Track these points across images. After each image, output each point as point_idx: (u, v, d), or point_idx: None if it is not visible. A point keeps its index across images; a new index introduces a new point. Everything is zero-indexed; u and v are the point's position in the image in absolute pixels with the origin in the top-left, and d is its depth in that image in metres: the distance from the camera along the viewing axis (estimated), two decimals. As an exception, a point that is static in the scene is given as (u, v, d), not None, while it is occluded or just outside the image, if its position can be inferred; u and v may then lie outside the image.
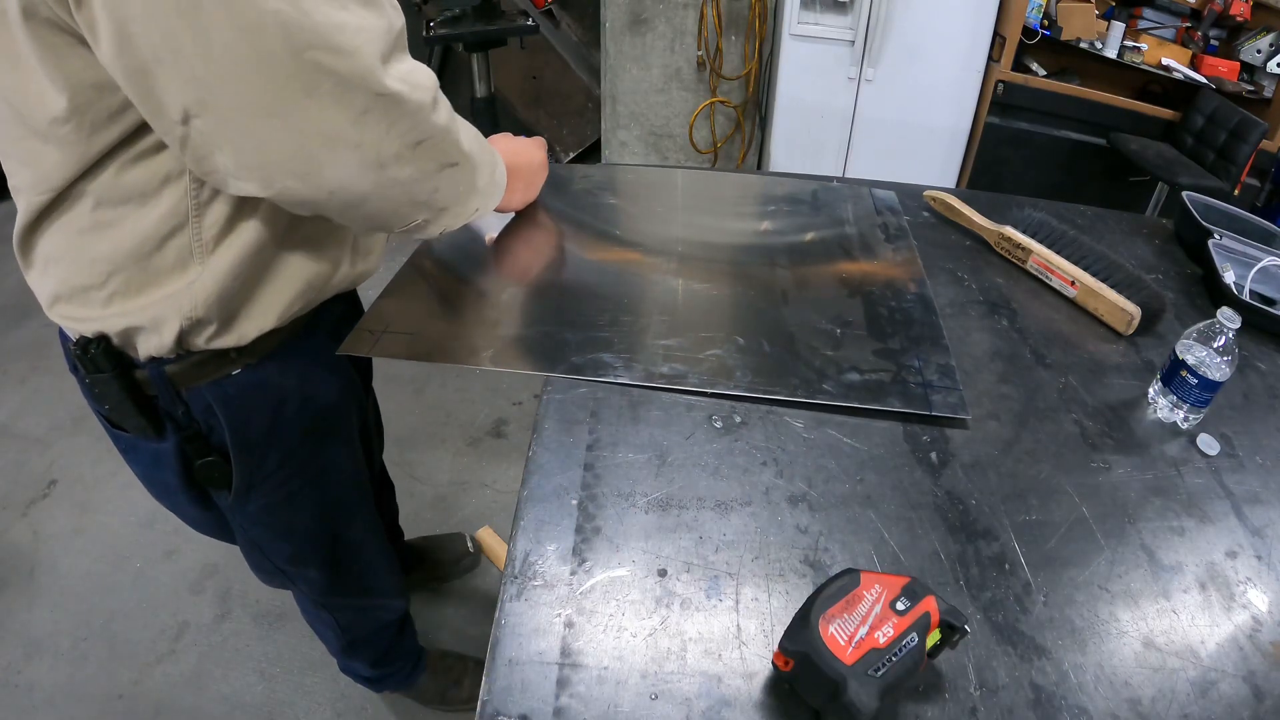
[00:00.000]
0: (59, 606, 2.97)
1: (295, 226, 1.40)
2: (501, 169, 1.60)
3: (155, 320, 1.34)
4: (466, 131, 1.38)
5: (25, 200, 1.27)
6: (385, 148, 1.18)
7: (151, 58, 1.02)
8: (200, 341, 1.39)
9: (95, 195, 1.23)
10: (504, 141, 1.80)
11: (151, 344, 1.37)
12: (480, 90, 4.56)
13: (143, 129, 1.18)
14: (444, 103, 1.29)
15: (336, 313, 1.66)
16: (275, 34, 1.02)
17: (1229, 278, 1.99)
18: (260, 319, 1.44)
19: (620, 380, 1.51)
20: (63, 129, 1.15)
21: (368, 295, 1.73)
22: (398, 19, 1.19)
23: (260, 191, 1.16)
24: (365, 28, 1.10)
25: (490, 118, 4.61)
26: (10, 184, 1.28)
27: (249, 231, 1.33)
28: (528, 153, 1.93)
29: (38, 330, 4.24)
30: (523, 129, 5.89)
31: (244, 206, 1.31)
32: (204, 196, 1.26)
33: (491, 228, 1.97)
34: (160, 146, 1.20)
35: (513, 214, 2.01)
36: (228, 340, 1.42)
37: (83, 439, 3.65)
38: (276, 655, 2.85)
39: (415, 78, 1.20)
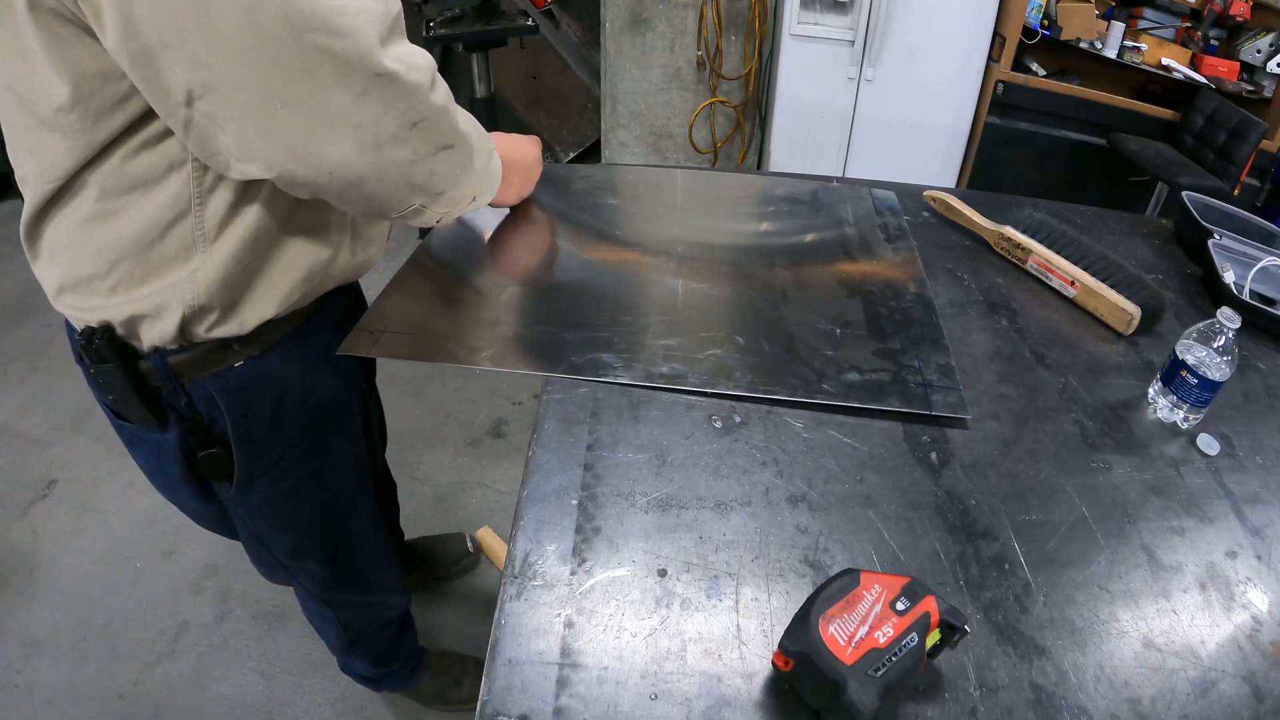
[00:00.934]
0: (59, 606, 2.98)
1: (296, 213, 1.41)
2: (497, 158, 1.60)
3: (158, 308, 1.35)
4: (463, 116, 1.39)
5: (32, 190, 1.28)
6: (384, 128, 1.19)
7: (156, 41, 1.04)
8: (202, 330, 1.40)
9: (99, 185, 1.24)
10: (498, 137, 1.80)
11: (155, 332, 1.38)
12: (480, 90, 4.57)
13: (145, 118, 1.20)
14: (442, 85, 1.30)
15: (340, 307, 1.67)
16: (276, 16, 1.04)
17: (1229, 278, 1.99)
18: (261, 307, 1.45)
19: (620, 380, 1.52)
20: (67, 118, 1.17)
21: (370, 294, 1.73)
22: (395, 4, 1.21)
23: (263, 173, 1.18)
24: (364, 10, 1.11)
25: (490, 117, 4.62)
26: (17, 175, 1.31)
27: (251, 218, 1.35)
28: (521, 148, 1.94)
29: (37, 330, 4.24)
30: (522, 129, 5.86)
31: (246, 193, 1.33)
32: (206, 184, 1.28)
33: (488, 225, 1.97)
34: (162, 135, 1.22)
35: (508, 210, 2.02)
36: (229, 328, 1.43)
37: (82, 439, 3.65)
38: (276, 655, 2.86)
39: (413, 59, 1.21)
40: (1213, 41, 5.26)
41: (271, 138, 1.14)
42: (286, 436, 1.64)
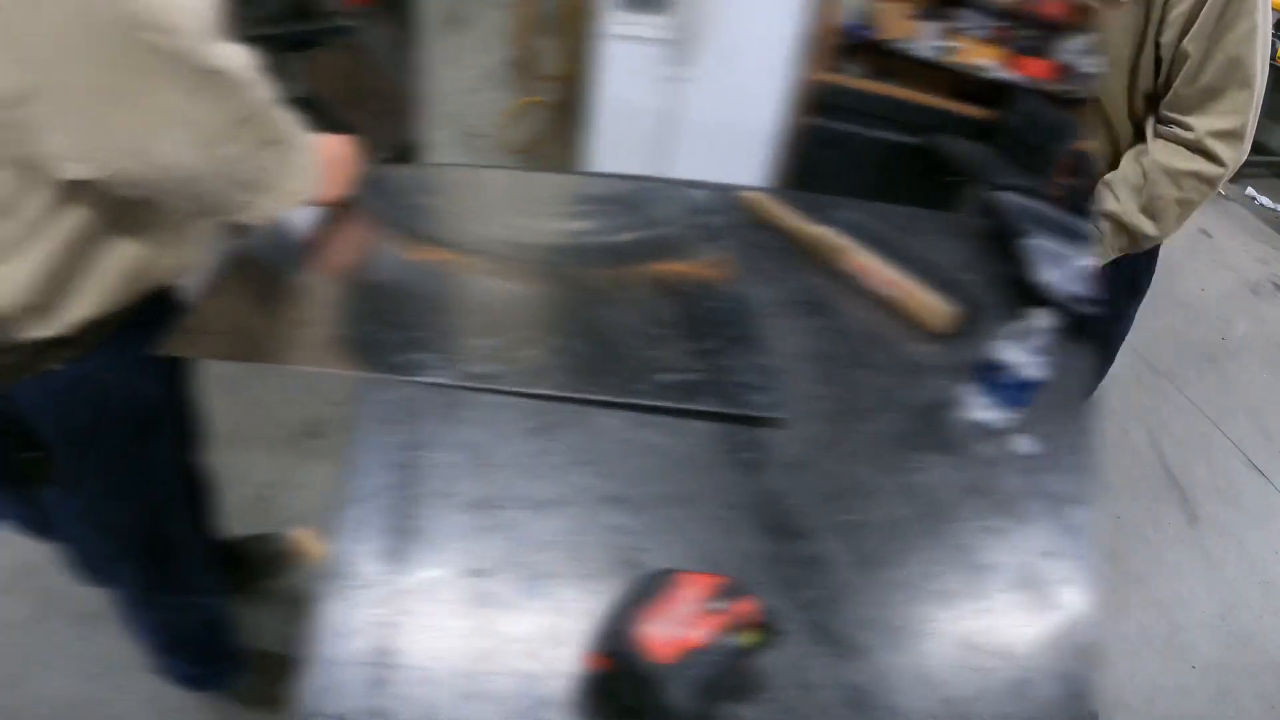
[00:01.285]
0: None
1: (117, 214, 1.38)
2: (319, 155, 1.63)
3: None
4: (284, 113, 1.42)
5: None
6: (214, 124, 1.21)
7: None
8: (21, 331, 1.37)
9: None
10: (313, 137, 1.81)
11: None
12: (296, 91, 4.52)
13: None
14: (265, 82, 1.32)
15: (160, 309, 1.63)
16: (106, 16, 1.04)
17: (1042, 277, 2.03)
18: (81, 308, 1.41)
19: (438, 380, 1.51)
20: None
21: (190, 296, 1.71)
22: (216, 2, 1.20)
23: (95, 173, 1.17)
24: (191, 9, 1.12)
25: (307, 119, 4.60)
26: None
27: (70, 218, 1.31)
28: (338, 147, 1.93)
29: None
30: (339, 129, 5.83)
31: (66, 194, 1.29)
32: (25, 184, 1.24)
33: (306, 224, 1.95)
34: None
35: (327, 210, 1.99)
36: (49, 329, 1.39)
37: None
38: (96, 655, 2.80)
39: (238, 56, 1.23)
40: (1029, 42, 5.37)
41: (105, 137, 1.14)
42: (107, 440, 1.61)
